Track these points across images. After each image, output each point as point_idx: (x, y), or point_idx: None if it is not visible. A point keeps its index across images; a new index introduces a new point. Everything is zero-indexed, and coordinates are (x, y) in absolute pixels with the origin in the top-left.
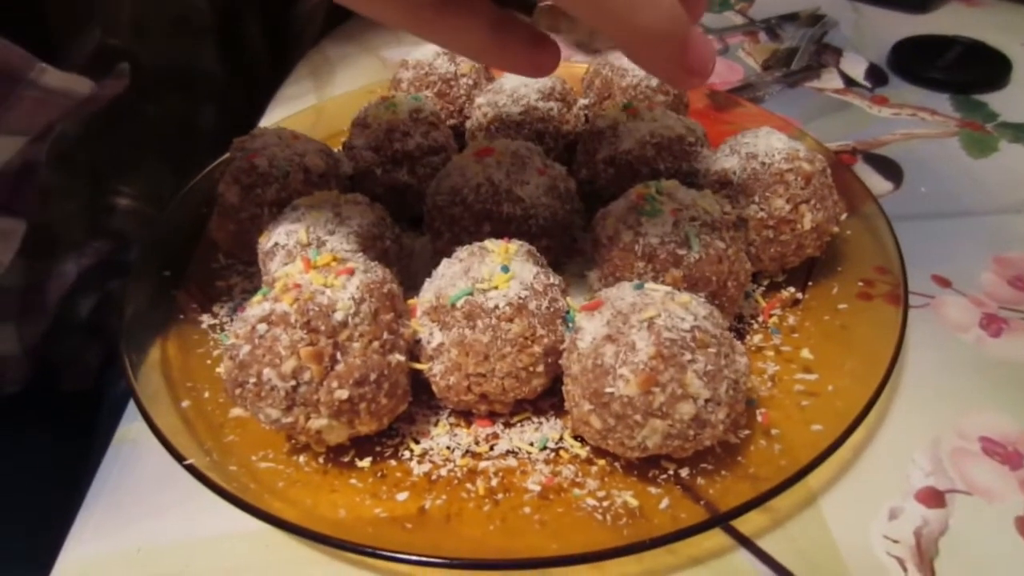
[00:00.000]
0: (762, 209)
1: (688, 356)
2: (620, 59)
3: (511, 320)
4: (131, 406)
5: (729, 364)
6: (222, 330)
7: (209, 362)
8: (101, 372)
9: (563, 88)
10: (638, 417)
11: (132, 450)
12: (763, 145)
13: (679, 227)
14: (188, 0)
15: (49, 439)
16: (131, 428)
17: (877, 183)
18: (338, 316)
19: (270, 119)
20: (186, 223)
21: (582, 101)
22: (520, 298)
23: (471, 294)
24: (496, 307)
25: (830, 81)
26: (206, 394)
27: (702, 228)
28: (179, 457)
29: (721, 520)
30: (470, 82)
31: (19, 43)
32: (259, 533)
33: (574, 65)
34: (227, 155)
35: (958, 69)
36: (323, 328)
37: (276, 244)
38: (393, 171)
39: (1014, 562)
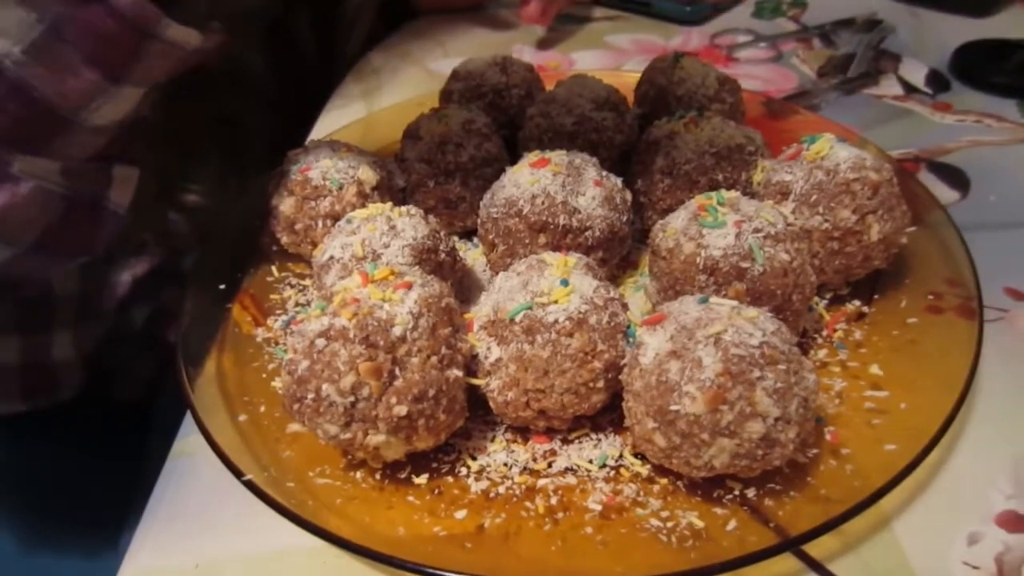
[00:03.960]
0: (827, 220)
1: (757, 373)
2: (675, 71)
3: (571, 335)
4: (188, 419)
5: (799, 381)
6: (276, 344)
7: (264, 376)
8: (153, 382)
9: (616, 98)
10: (705, 436)
11: (189, 463)
12: (827, 153)
13: (742, 239)
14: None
15: (101, 447)
16: (188, 441)
17: (943, 192)
18: (396, 331)
19: (320, 132)
20: (240, 235)
21: (635, 110)
22: (580, 312)
23: (530, 308)
24: (556, 321)
25: (889, 88)
26: (262, 408)
27: (765, 240)
28: (238, 473)
29: (792, 544)
30: (521, 92)
31: None
32: (317, 550)
33: (625, 74)
34: (280, 168)
35: (1023, 74)
36: (382, 343)
37: (331, 257)
38: (446, 183)
39: None
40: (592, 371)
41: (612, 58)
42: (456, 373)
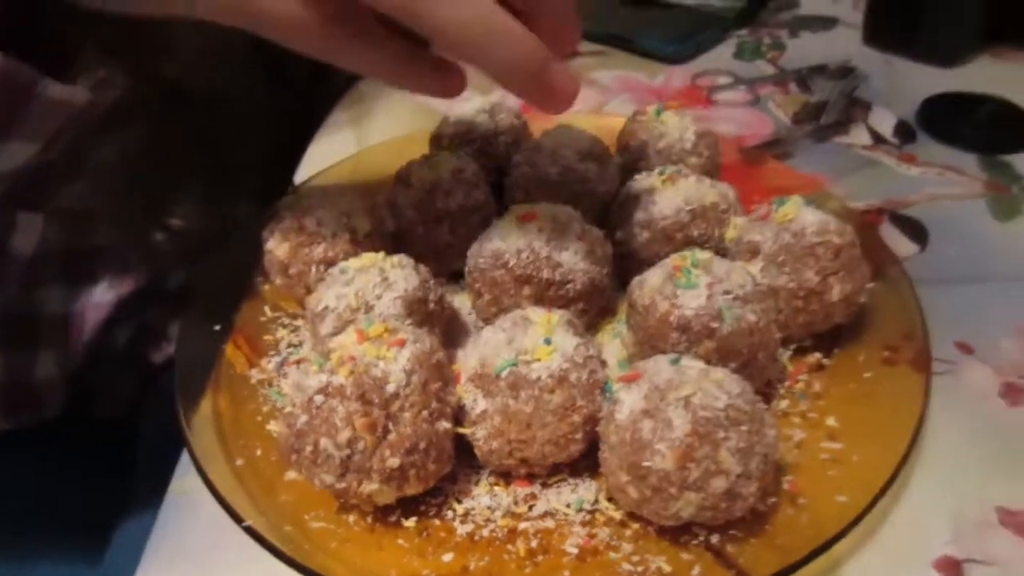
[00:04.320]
0: (792, 280)
1: (722, 434)
2: (656, 124)
3: (552, 391)
4: (185, 458)
5: (760, 439)
6: (270, 385)
7: (259, 419)
8: (136, 400)
9: (599, 149)
10: (673, 490)
11: (188, 502)
12: (795, 216)
13: (713, 300)
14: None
15: (83, 463)
16: (186, 480)
17: (903, 245)
18: (390, 388)
19: (309, 163)
20: (232, 274)
21: (617, 159)
22: (562, 370)
23: (515, 365)
24: (539, 378)
25: (859, 136)
26: (258, 452)
27: (734, 301)
28: (237, 519)
29: None
30: (508, 140)
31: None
32: None
33: (608, 117)
34: (274, 211)
35: (986, 128)
36: (376, 400)
37: (327, 307)
38: (435, 230)
39: None
40: (571, 424)
41: (596, 96)
42: (445, 425)
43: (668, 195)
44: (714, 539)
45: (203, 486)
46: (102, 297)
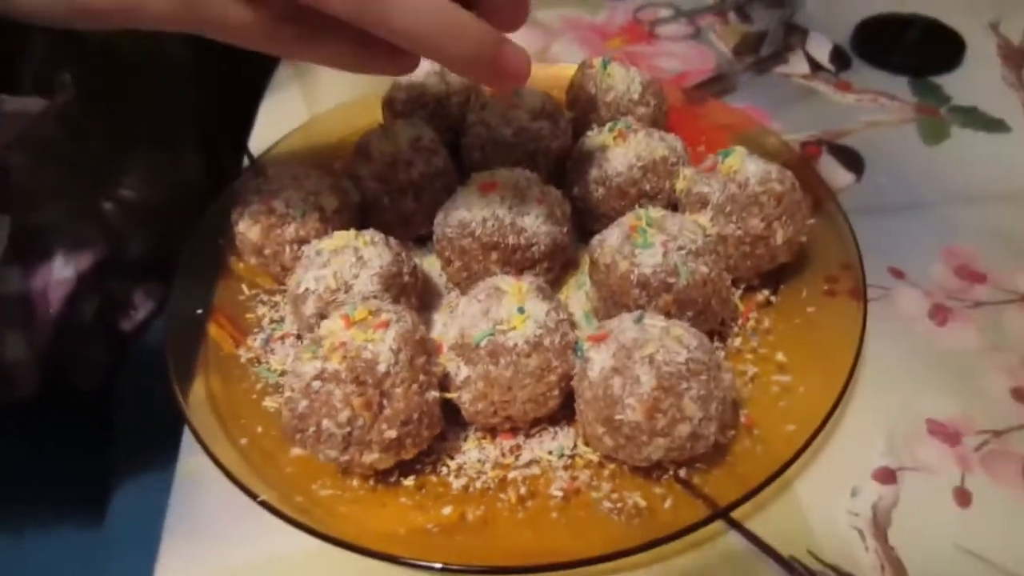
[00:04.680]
0: (739, 228)
1: (684, 385)
2: (603, 77)
3: (529, 356)
4: (187, 440)
5: (718, 385)
6: (259, 363)
7: (254, 397)
8: (109, 371)
9: (551, 106)
10: (644, 438)
11: (195, 483)
12: (739, 168)
13: (668, 257)
14: None
15: (67, 438)
16: (190, 461)
17: (840, 176)
18: (381, 368)
19: (261, 126)
20: (205, 257)
21: (568, 114)
22: (536, 336)
23: (492, 335)
24: (515, 345)
25: (797, 65)
26: (259, 429)
27: (688, 256)
28: (252, 495)
29: (720, 515)
30: (461, 100)
31: None
32: (326, 549)
33: (556, 66)
34: (241, 193)
35: (916, 51)
36: (370, 380)
37: (307, 289)
38: (399, 200)
39: (952, 527)
40: (548, 384)
41: (541, 37)
42: (434, 394)
43: (620, 152)
44: (682, 472)
45: (209, 466)
46: (62, 273)
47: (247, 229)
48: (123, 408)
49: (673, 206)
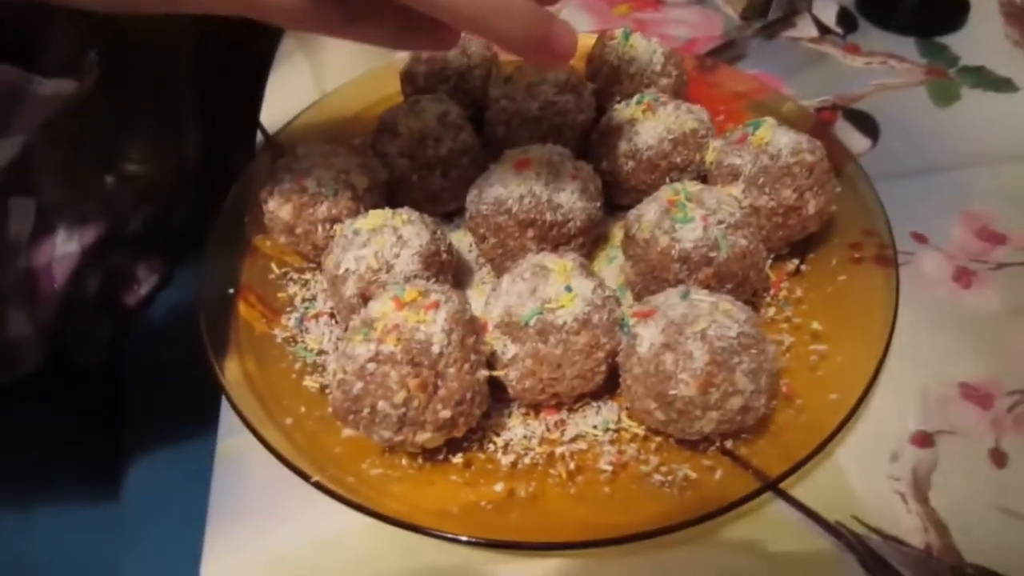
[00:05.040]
0: (772, 199)
1: (736, 359)
2: (626, 49)
3: (578, 333)
4: (226, 420)
5: (765, 358)
6: (295, 342)
7: (293, 376)
8: (113, 345)
9: (575, 79)
10: (697, 412)
11: (236, 465)
12: (770, 139)
13: (709, 231)
14: None
15: (75, 414)
16: (231, 443)
17: (857, 141)
18: (435, 349)
19: (271, 101)
20: (231, 235)
21: (591, 86)
22: (584, 314)
23: (541, 313)
24: (565, 323)
25: (805, 29)
26: (302, 409)
27: (727, 230)
28: (305, 476)
29: (770, 487)
30: (483, 73)
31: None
32: (375, 525)
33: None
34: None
35: (921, 10)
36: (425, 362)
37: (347, 270)
38: (428, 176)
39: (990, 488)
40: (596, 360)
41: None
42: (484, 373)
43: (649, 125)
44: (728, 444)
45: (250, 447)
46: (65, 248)
47: (278, 208)
48: (133, 384)
49: (702, 178)
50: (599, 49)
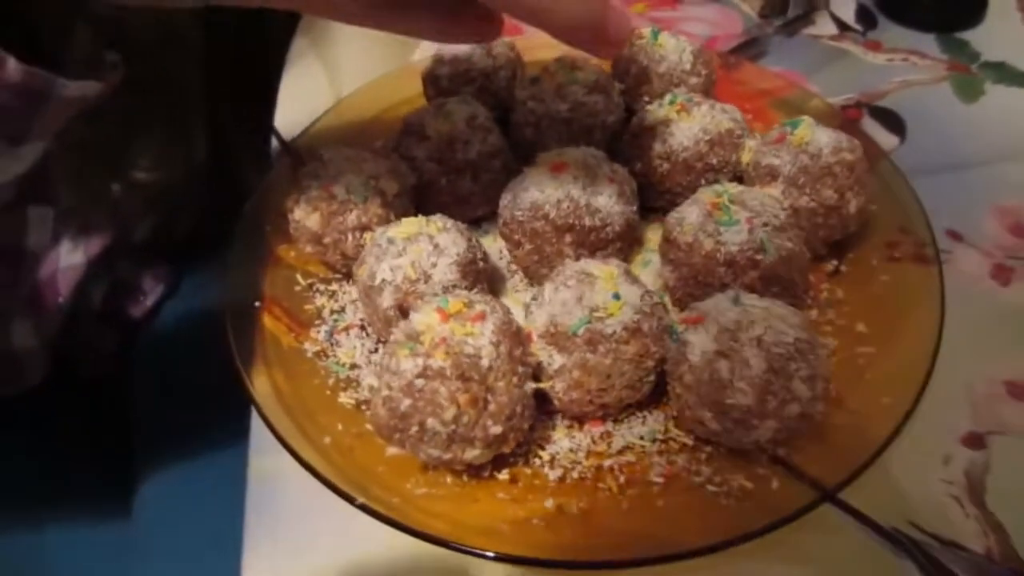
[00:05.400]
0: (813, 200)
1: (793, 366)
2: (655, 48)
3: (628, 343)
4: (259, 436)
5: (820, 363)
6: (326, 356)
7: (328, 393)
8: (118, 357)
9: (605, 80)
10: (755, 421)
11: (271, 484)
12: (810, 139)
13: (754, 234)
14: None
15: (82, 427)
16: (264, 461)
17: (885, 139)
18: (484, 362)
19: (285, 103)
20: (254, 246)
21: (619, 86)
22: (634, 322)
23: (590, 323)
24: (614, 332)
25: (824, 26)
26: (339, 426)
27: (773, 232)
28: (349, 499)
29: (828, 497)
30: (508, 74)
31: (19, 56)
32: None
33: None
34: (298, 181)
35: (940, 7)
36: (475, 376)
37: (383, 281)
38: (457, 180)
39: None
40: (646, 369)
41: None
42: (532, 386)
43: (684, 125)
44: (781, 451)
45: (284, 465)
46: (71, 259)
47: (305, 217)
48: (141, 397)
49: (738, 179)
50: (627, 49)
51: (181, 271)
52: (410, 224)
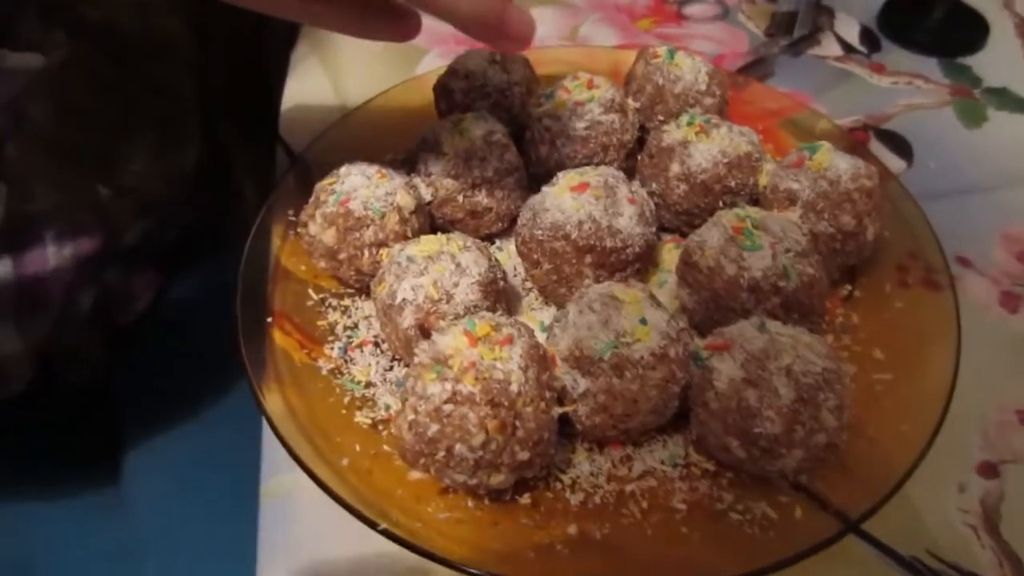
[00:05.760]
0: (831, 225)
1: (822, 396)
2: (671, 68)
3: (654, 368)
4: (272, 457)
5: (846, 393)
6: (340, 374)
7: (344, 412)
8: (105, 364)
9: (621, 99)
10: (782, 450)
11: (285, 505)
12: (829, 164)
13: (777, 260)
14: None
15: (69, 436)
16: (278, 481)
17: (892, 162)
18: (513, 388)
19: (289, 110)
20: (267, 262)
21: (633, 104)
22: (661, 347)
23: (616, 347)
24: (642, 358)
25: (830, 47)
26: (356, 447)
27: (795, 258)
28: (371, 524)
29: (852, 527)
30: (523, 90)
31: None
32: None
33: (589, 48)
34: (313, 197)
35: (942, 31)
36: (505, 402)
37: (404, 300)
38: (473, 196)
39: None
40: (671, 395)
41: (568, 17)
42: (558, 410)
43: (703, 147)
44: (802, 479)
45: (298, 486)
46: (58, 260)
47: (321, 232)
48: (129, 406)
49: (754, 202)
50: (642, 67)
51: (171, 278)
52: (430, 242)
